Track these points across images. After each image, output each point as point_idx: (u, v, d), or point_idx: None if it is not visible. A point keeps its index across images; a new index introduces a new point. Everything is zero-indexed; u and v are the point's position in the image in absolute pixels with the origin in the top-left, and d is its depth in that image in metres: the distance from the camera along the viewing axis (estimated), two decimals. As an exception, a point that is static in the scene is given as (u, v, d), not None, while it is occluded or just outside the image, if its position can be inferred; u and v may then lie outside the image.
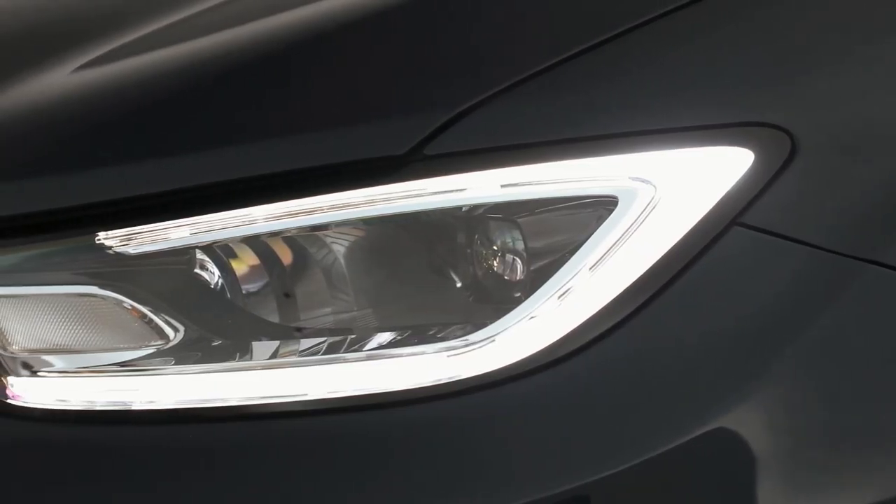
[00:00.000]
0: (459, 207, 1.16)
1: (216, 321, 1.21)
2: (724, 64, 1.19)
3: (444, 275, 1.18)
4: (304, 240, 1.20)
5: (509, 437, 1.13)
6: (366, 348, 1.18)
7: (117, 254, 1.19)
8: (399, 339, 1.18)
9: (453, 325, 1.17)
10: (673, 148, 1.15)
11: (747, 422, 1.13)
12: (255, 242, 1.20)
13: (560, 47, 1.18)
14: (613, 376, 1.13)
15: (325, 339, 1.20)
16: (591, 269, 1.13)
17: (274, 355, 1.20)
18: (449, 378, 1.14)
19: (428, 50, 1.22)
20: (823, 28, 1.23)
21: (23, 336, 1.23)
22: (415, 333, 1.18)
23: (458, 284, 1.18)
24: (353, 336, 1.19)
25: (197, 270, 1.21)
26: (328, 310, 1.21)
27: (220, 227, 1.18)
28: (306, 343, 1.20)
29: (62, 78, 1.32)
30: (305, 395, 1.17)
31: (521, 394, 1.12)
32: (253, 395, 1.18)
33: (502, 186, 1.14)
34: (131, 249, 1.19)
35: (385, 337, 1.18)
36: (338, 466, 1.14)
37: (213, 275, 1.21)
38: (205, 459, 1.17)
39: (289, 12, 1.30)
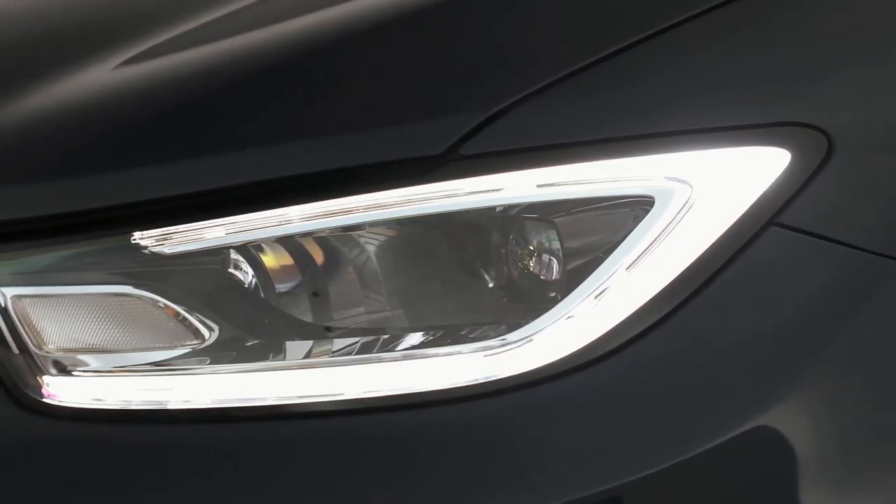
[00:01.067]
0: (494, 207, 1.16)
1: (250, 321, 1.21)
2: (759, 64, 1.19)
3: (478, 275, 1.19)
4: (338, 239, 1.20)
5: (546, 438, 1.14)
6: (399, 348, 1.18)
7: (153, 254, 1.19)
8: (433, 339, 1.18)
9: (488, 325, 1.17)
10: (709, 148, 1.15)
11: (785, 422, 1.13)
12: (288, 242, 1.20)
13: (596, 47, 1.18)
14: (650, 376, 1.13)
15: (358, 339, 1.20)
16: (627, 269, 1.14)
17: (307, 355, 1.21)
18: (486, 378, 1.14)
19: (464, 50, 1.22)
20: (858, 27, 1.23)
21: (58, 336, 1.23)
22: (449, 333, 1.18)
23: (493, 284, 1.18)
24: (386, 336, 1.19)
25: (231, 270, 1.21)
26: (361, 309, 1.21)
27: (256, 227, 1.18)
28: (340, 343, 1.20)
29: (101, 76, 1.32)
30: (342, 394, 1.17)
31: (558, 394, 1.13)
32: (289, 395, 1.18)
33: (538, 186, 1.15)
34: (167, 249, 1.19)
35: (419, 337, 1.19)
36: (374, 466, 1.14)
37: (246, 274, 1.21)
38: (242, 459, 1.17)
39: (324, 11, 1.31)
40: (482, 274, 1.18)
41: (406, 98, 1.19)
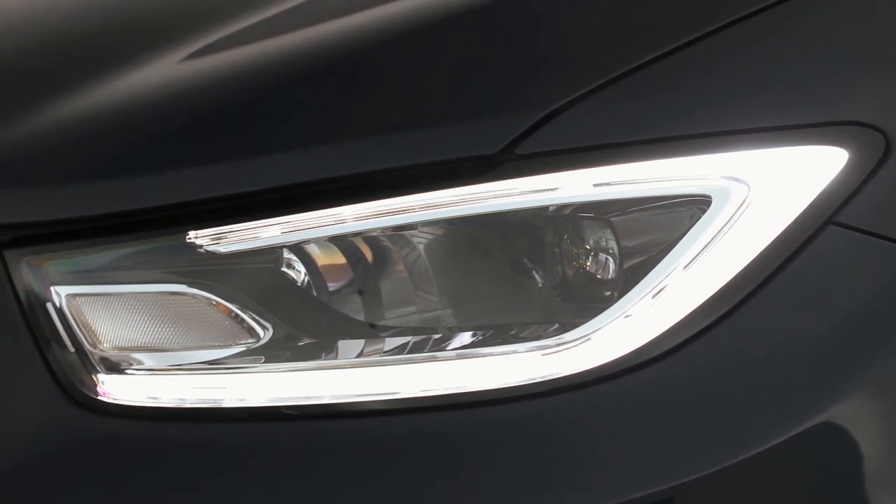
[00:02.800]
0: (549, 207, 1.16)
1: (303, 319, 1.21)
2: (816, 63, 1.19)
3: (532, 274, 1.19)
4: (390, 238, 1.20)
5: (602, 437, 1.14)
6: (451, 347, 1.19)
7: (208, 252, 1.20)
8: (486, 339, 1.18)
9: (541, 325, 1.18)
10: (766, 147, 1.15)
11: (846, 421, 1.13)
12: (340, 241, 1.21)
13: (653, 45, 1.18)
14: (708, 376, 1.13)
15: (410, 338, 1.20)
16: (685, 268, 1.14)
17: (360, 354, 1.21)
18: (544, 377, 1.14)
19: (520, 49, 1.22)
20: None
21: (113, 334, 1.23)
22: (501, 333, 1.18)
23: (546, 284, 1.18)
24: (438, 335, 1.20)
25: (284, 269, 1.21)
26: (412, 308, 1.21)
27: (311, 226, 1.18)
28: (392, 342, 1.21)
29: (166, 69, 1.32)
30: (397, 393, 1.17)
31: (616, 393, 1.13)
32: (344, 394, 1.18)
33: (595, 186, 1.15)
34: (222, 248, 1.20)
35: (471, 336, 1.19)
36: (431, 465, 1.15)
37: (299, 273, 1.21)
38: (298, 457, 1.17)
39: (382, 7, 1.31)
40: (536, 273, 1.18)
41: (462, 97, 1.19)
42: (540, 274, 1.18)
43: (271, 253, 1.21)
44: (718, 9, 1.20)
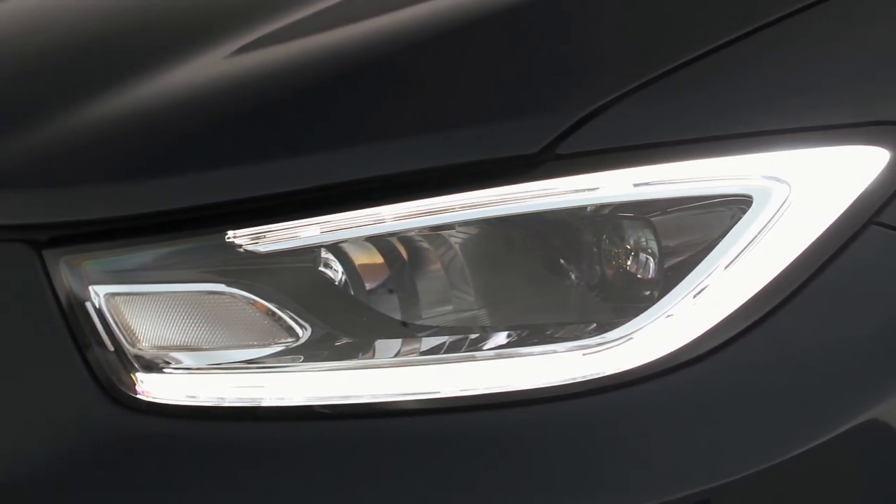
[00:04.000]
0: (589, 206, 1.16)
1: (342, 319, 1.22)
2: (856, 63, 1.19)
3: (571, 273, 1.19)
4: (427, 238, 1.21)
5: (643, 437, 1.14)
6: (488, 347, 1.19)
7: (247, 252, 1.20)
8: (523, 338, 1.19)
9: (578, 324, 1.18)
10: (807, 147, 1.15)
11: (891, 419, 1.13)
12: (378, 240, 1.21)
13: (692, 45, 1.18)
14: (750, 376, 1.13)
15: (448, 337, 1.20)
16: (726, 268, 1.14)
17: (397, 353, 1.21)
18: (586, 376, 1.14)
19: (560, 49, 1.22)
20: None
21: (152, 333, 1.24)
22: (539, 332, 1.18)
23: (586, 283, 1.18)
24: (476, 335, 1.20)
25: (321, 269, 1.22)
26: (450, 308, 1.21)
27: (350, 225, 1.19)
28: (429, 341, 1.21)
29: (212, 65, 1.32)
30: (437, 392, 1.17)
31: (657, 393, 1.13)
32: (384, 393, 1.19)
33: (635, 185, 1.15)
34: (261, 248, 1.20)
35: (509, 336, 1.19)
36: (470, 464, 1.15)
37: (336, 273, 1.22)
38: (338, 455, 1.17)
39: (425, 4, 1.31)
40: (574, 273, 1.19)
41: (502, 97, 1.19)
42: (578, 273, 1.18)
43: (309, 252, 1.21)
44: (757, 9, 1.20)
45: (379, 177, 1.18)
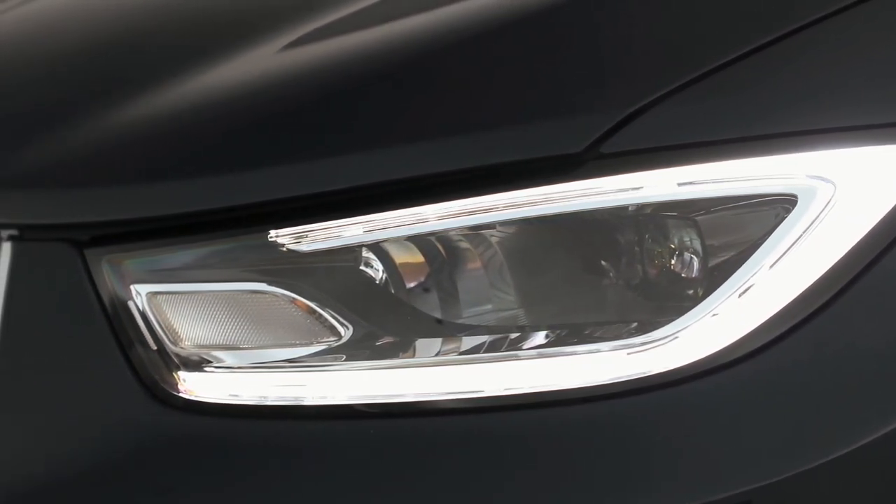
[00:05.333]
0: (632, 206, 1.16)
1: (383, 318, 1.22)
2: None
3: (614, 273, 1.19)
4: (468, 237, 1.21)
5: (688, 437, 1.14)
6: (529, 346, 1.19)
7: (289, 251, 1.20)
8: (564, 337, 1.19)
9: (620, 323, 1.18)
10: (852, 146, 1.15)
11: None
12: (419, 239, 1.21)
13: (736, 44, 1.18)
14: (796, 375, 1.13)
15: (490, 336, 1.20)
16: (771, 267, 1.14)
17: (438, 352, 1.21)
18: (632, 375, 1.14)
19: (604, 47, 1.22)
20: None
21: (193, 332, 1.24)
22: (579, 331, 1.18)
23: (629, 282, 1.18)
24: (517, 334, 1.20)
25: (363, 268, 1.22)
26: (490, 307, 1.21)
27: (393, 225, 1.19)
28: (470, 340, 1.21)
29: (264, 59, 1.32)
30: (481, 391, 1.18)
31: (702, 392, 1.13)
32: (428, 392, 1.19)
33: (679, 185, 1.15)
34: (304, 247, 1.20)
35: (551, 335, 1.19)
36: (515, 463, 1.15)
37: (377, 272, 1.22)
38: (382, 454, 1.18)
39: (467, 2, 1.31)
40: (617, 272, 1.19)
41: (546, 96, 1.19)
42: (621, 273, 1.18)
43: (350, 252, 1.21)
44: (802, 7, 1.20)
45: (422, 176, 1.18)
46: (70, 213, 1.26)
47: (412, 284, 1.21)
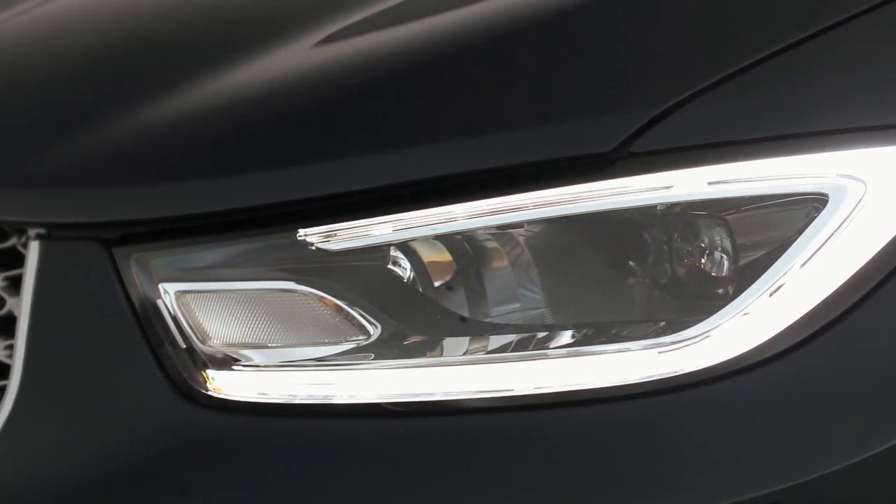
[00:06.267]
0: (662, 204, 1.16)
1: (412, 316, 1.22)
2: None
3: (643, 272, 1.19)
4: (496, 236, 1.21)
5: (719, 435, 1.14)
6: (557, 345, 1.19)
7: (318, 250, 1.20)
8: (592, 336, 1.19)
9: (648, 322, 1.18)
10: (883, 145, 1.15)
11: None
12: (447, 238, 1.21)
13: (766, 43, 1.18)
14: (826, 375, 1.13)
15: (517, 335, 1.20)
16: (802, 266, 1.14)
17: (466, 351, 1.21)
18: (664, 374, 1.14)
19: (634, 46, 1.22)
20: None
21: (222, 331, 1.24)
22: (606, 330, 1.19)
23: (659, 281, 1.18)
24: (545, 333, 1.20)
25: (391, 266, 1.22)
26: (517, 306, 1.21)
27: (422, 224, 1.19)
28: (498, 339, 1.21)
29: (297, 55, 1.32)
30: (511, 390, 1.18)
31: (733, 392, 1.13)
32: (458, 390, 1.19)
33: (709, 184, 1.15)
34: (332, 246, 1.20)
35: (579, 334, 1.19)
36: (547, 462, 1.15)
37: (405, 270, 1.22)
38: (411, 452, 1.18)
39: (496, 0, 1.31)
40: (647, 271, 1.19)
41: (576, 95, 1.19)
42: (650, 272, 1.18)
43: (378, 251, 1.21)
44: (832, 6, 1.20)
45: (451, 175, 1.18)
46: (98, 212, 1.26)
47: (440, 283, 1.22)
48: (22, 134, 1.36)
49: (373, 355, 1.21)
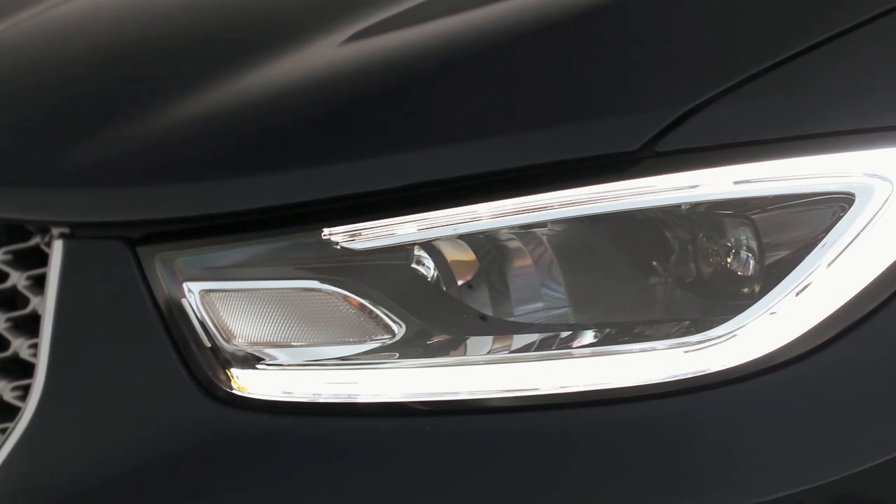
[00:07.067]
0: (688, 204, 1.16)
1: (436, 316, 1.22)
2: None
3: (667, 271, 1.19)
4: (520, 235, 1.21)
5: (744, 435, 1.14)
6: (581, 344, 1.19)
7: (343, 249, 1.20)
8: (616, 335, 1.19)
9: (672, 322, 1.18)
10: None
11: None
12: (470, 237, 1.21)
13: (793, 42, 1.17)
14: (853, 375, 1.13)
15: (540, 334, 1.20)
16: (828, 266, 1.14)
17: (489, 350, 1.21)
18: (691, 373, 1.14)
19: (659, 46, 1.22)
20: None
21: (246, 330, 1.24)
22: (635, 329, 1.18)
23: (683, 281, 1.18)
24: (568, 332, 1.20)
25: (414, 266, 1.22)
26: (540, 305, 1.21)
27: (447, 223, 1.19)
28: (522, 338, 1.21)
29: (325, 53, 1.32)
30: (537, 389, 1.18)
31: (760, 391, 1.13)
32: (483, 389, 1.19)
33: (735, 183, 1.15)
34: (357, 245, 1.20)
35: (603, 333, 1.19)
36: (571, 461, 1.15)
37: (428, 269, 1.22)
38: (436, 451, 1.18)
39: None
40: (672, 270, 1.18)
41: (601, 94, 1.19)
42: (675, 271, 1.18)
43: (402, 249, 1.21)
44: (859, 4, 1.19)
45: (477, 174, 1.18)
46: (122, 211, 1.26)
47: (464, 282, 1.22)
48: (45, 133, 1.36)
49: (397, 354, 1.21)
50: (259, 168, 1.23)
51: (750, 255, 1.16)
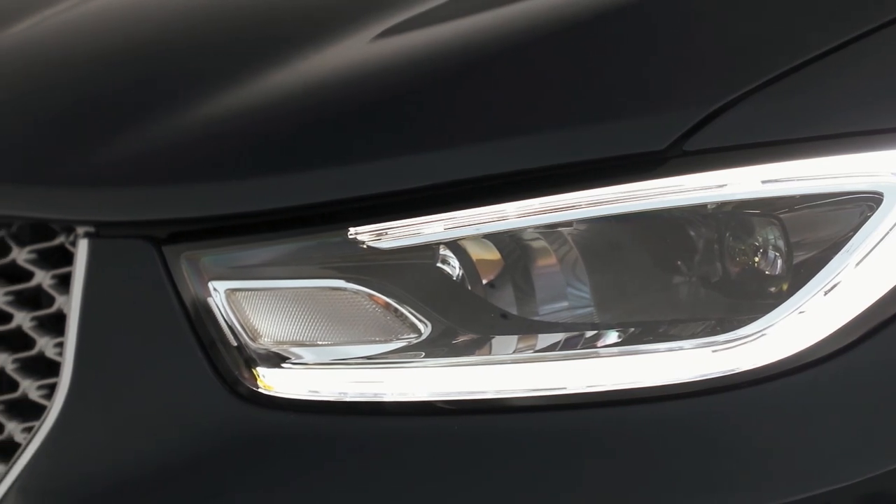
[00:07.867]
0: (716, 203, 1.16)
1: (461, 315, 1.22)
2: None
3: (695, 270, 1.19)
4: (547, 234, 1.21)
5: (772, 434, 1.14)
6: (606, 344, 1.19)
7: (369, 248, 1.20)
8: (642, 334, 1.19)
9: (699, 321, 1.18)
10: None
11: None
12: (496, 237, 1.21)
13: (820, 42, 1.18)
14: (882, 374, 1.13)
15: (566, 333, 1.20)
16: (857, 265, 1.14)
17: (514, 349, 1.21)
18: (720, 373, 1.14)
19: (686, 45, 1.22)
20: None
21: (272, 329, 1.25)
22: (662, 328, 1.18)
23: (711, 280, 1.18)
24: (595, 331, 1.20)
25: (440, 265, 1.22)
26: (565, 304, 1.21)
27: (474, 222, 1.19)
28: (547, 338, 1.21)
29: (356, 49, 1.32)
30: (564, 388, 1.18)
31: (788, 390, 1.13)
32: (510, 389, 1.19)
33: (763, 182, 1.15)
34: (383, 244, 1.20)
35: (629, 333, 1.19)
36: (600, 461, 1.16)
37: (454, 269, 1.22)
38: (463, 450, 1.18)
39: None
40: (699, 269, 1.18)
41: (629, 93, 1.19)
42: (704, 270, 1.18)
43: (428, 249, 1.21)
44: (886, 3, 1.19)
45: (504, 174, 1.18)
46: (148, 210, 1.26)
47: (489, 281, 1.22)
48: (70, 131, 1.36)
49: (423, 353, 1.21)
50: (285, 167, 1.23)
51: (778, 254, 1.16)
